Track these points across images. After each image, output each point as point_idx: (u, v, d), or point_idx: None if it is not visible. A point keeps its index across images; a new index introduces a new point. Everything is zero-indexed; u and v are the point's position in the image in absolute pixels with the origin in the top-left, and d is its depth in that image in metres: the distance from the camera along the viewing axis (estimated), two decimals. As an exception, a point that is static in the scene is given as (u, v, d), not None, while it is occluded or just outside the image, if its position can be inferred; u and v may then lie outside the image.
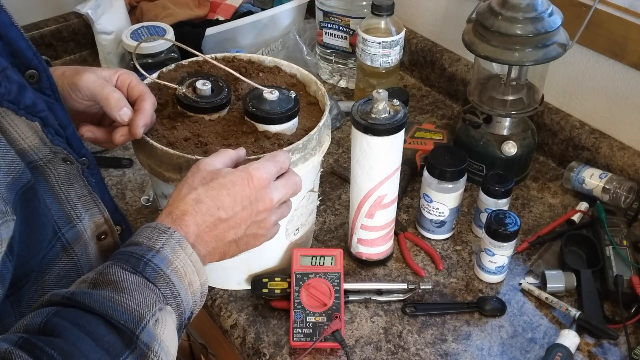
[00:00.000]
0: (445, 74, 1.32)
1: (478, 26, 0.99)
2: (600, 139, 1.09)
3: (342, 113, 1.26)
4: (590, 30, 1.01)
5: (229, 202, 0.63)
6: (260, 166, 0.67)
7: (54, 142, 0.59)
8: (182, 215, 0.61)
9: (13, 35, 0.58)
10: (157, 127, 0.83)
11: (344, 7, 1.30)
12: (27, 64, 0.59)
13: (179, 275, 0.58)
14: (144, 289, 0.55)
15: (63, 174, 0.61)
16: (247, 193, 0.64)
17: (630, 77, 1.04)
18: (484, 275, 0.94)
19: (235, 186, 0.64)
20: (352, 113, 0.82)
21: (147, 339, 0.53)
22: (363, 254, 0.95)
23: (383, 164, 0.84)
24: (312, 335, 0.83)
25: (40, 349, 0.48)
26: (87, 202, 0.65)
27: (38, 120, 0.56)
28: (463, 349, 0.85)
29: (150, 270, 0.56)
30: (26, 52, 0.59)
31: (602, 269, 0.92)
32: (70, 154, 0.61)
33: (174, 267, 0.58)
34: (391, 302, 0.91)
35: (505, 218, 0.90)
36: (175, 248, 0.59)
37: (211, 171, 0.65)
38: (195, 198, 0.62)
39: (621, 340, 0.85)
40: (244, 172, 0.65)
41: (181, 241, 0.59)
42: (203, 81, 0.84)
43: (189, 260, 0.59)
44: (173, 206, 0.63)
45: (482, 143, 1.07)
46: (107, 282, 0.55)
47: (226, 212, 0.63)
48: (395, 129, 0.80)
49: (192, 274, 0.60)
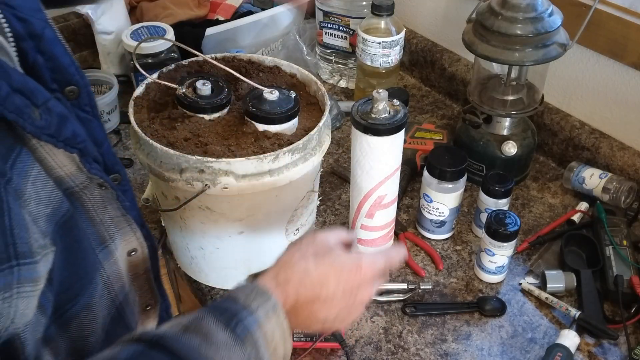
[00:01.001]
0: (445, 74, 1.32)
1: (478, 26, 0.99)
2: (600, 139, 1.09)
3: (342, 113, 1.26)
4: (590, 30, 1.01)
5: (334, 284, 0.63)
6: (372, 260, 0.67)
7: (91, 172, 0.59)
8: (285, 282, 0.62)
9: (57, 51, 0.57)
10: (157, 127, 0.83)
11: (344, 7, 1.30)
12: (68, 80, 0.58)
13: (267, 340, 0.58)
14: (232, 346, 0.55)
15: (98, 198, 0.61)
16: (352, 281, 0.64)
17: (630, 77, 1.04)
18: (484, 275, 0.94)
19: (343, 272, 0.64)
20: (352, 113, 0.82)
21: None
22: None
23: (383, 164, 0.84)
24: (312, 335, 0.83)
25: None
26: (119, 222, 0.66)
27: (77, 152, 0.56)
28: (463, 349, 0.85)
29: (240, 329, 0.56)
30: (69, 68, 0.58)
31: (602, 269, 0.93)
32: (107, 181, 0.61)
33: (264, 332, 0.58)
34: (391, 302, 0.91)
35: (505, 218, 0.90)
36: (269, 312, 0.59)
37: (325, 246, 0.66)
38: (304, 269, 0.63)
39: (621, 340, 0.85)
40: (356, 260, 0.65)
41: (276, 307, 0.60)
42: (203, 81, 0.84)
43: (279, 327, 0.60)
44: (281, 269, 0.63)
45: (482, 143, 1.07)
46: (199, 330, 0.55)
47: (327, 292, 0.63)
48: (395, 129, 0.80)
49: (280, 340, 0.60)
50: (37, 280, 0.49)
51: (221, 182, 0.76)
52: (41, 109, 0.51)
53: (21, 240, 0.47)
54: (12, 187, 0.48)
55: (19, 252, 0.47)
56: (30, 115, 0.49)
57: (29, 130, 0.49)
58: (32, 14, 0.55)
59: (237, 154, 0.78)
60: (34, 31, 0.55)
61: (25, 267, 0.48)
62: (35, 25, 0.55)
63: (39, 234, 0.51)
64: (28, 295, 0.48)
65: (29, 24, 0.54)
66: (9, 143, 0.49)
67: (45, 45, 0.56)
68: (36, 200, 0.52)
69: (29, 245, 0.48)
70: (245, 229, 0.85)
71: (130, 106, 0.84)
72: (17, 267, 0.47)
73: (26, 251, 0.48)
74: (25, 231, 0.48)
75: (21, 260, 0.47)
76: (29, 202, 0.50)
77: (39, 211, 0.52)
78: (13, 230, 0.47)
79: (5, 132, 0.48)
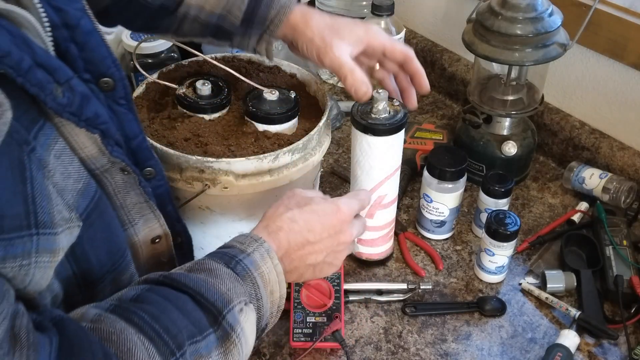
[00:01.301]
0: (445, 74, 1.32)
1: (478, 26, 0.99)
2: (600, 139, 1.09)
3: (342, 113, 1.26)
4: (590, 30, 1.01)
5: (319, 228, 0.68)
6: (348, 202, 0.72)
7: (113, 154, 0.59)
8: (277, 230, 0.66)
9: (93, 42, 0.58)
10: (157, 127, 0.83)
11: (344, 7, 1.30)
12: (102, 72, 0.59)
13: (264, 281, 0.62)
14: (234, 281, 0.59)
15: (120, 182, 0.62)
16: (334, 223, 0.69)
17: (630, 77, 1.04)
18: (484, 275, 0.94)
19: (326, 215, 0.69)
20: (352, 113, 0.82)
21: (232, 321, 0.57)
22: (363, 254, 0.95)
23: (383, 164, 0.84)
24: (312, 335, 0.83)
25: (131, 311, 0.53)
26: (142, 208, 0.67)
27: (98, 132, 0.56)
28: (463, 349, 0.85)
29: (240, 268, 0.61)
30: (104, 60, 0.59)
31: (602, 269, 0.92)
32: (129, 165, 0.61)
33: (260, 272, 0.62)
34: (391, 302, 0.91)
35: (505, 218, 0.90)
36: (264, 255, 0.63)
37: (305, 197, 0.71)
38: (291, 217, 0.67)
39: (621, 340, 0.85)
40: (334, 204, 0.70)
41: (269, 251, 0.64)
42: (203, 81, 0.84)
43: (274, 269, 0.63)
44: (270, 220, 0.68)
45: (482, 143, 1.07)
46: (202, 269, 0.60)
47: (314, 236, 0.68)
48: (395, 129, 0.80)
49: (275, 283, 0.63)
50: (55, 251, 0.50)
51: (221, 182, 0.76)
52: (64, 87, 0.52)
53: (42, 210, 0.48)
54: (35, 157, 0.49)
55: (40, 221, 0.48)
56: (52, 91, 0.50)
57: (50, 106, 0.50)
58: (68, 3, 0.56)
59: (237, 154, 0.78)
60: (69, 21, 0.56)
61: (45, 237, 0.48)
62: (71, 15, 0.56)
63: (63, 207, 0.52)
64: (45, 265, 0.49)
65: (65, 13, 0.55)
66: (32, 115, 0.50)
67: (79, 35, 0.57)
68: (63, 174, 0.53)
69: (51, 216, 0.49)
70: (245, 229, 0.85)
71: (130, 106, 0.84)
72: (36, 236, 0.47)
73: (47, 221, 0.49)
74: (48, 201, 0.49)
75: (41, 229, 0.48)
76: (53, 174, 0.52)
77: (67, 185, 0.53)
78: (35, 199, 0.47)
79: (29, 105, 0.50)
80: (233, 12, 0.80)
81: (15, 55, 0.46)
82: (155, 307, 0.54)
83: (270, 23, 0.80)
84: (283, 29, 0.80)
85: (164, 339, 0.52)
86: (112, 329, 0.50)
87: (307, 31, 0.78)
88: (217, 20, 0.81)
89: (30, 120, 0.50)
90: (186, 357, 0.53)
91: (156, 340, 0.51)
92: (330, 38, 0.78)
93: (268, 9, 0.79)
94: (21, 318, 0.46)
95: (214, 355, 0.55)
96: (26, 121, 0.49)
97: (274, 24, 0.80)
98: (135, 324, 0.52)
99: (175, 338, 0.52)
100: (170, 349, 0.52)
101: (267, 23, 0.80)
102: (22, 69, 0.47)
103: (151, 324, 0.52)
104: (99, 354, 0.48)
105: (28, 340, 0.45)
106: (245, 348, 0.59)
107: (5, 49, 0.45)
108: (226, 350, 0.56)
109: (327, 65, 0.78)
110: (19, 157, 0.47)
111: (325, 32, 0.78)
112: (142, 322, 0.52)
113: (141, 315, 0.52)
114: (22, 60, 0.47)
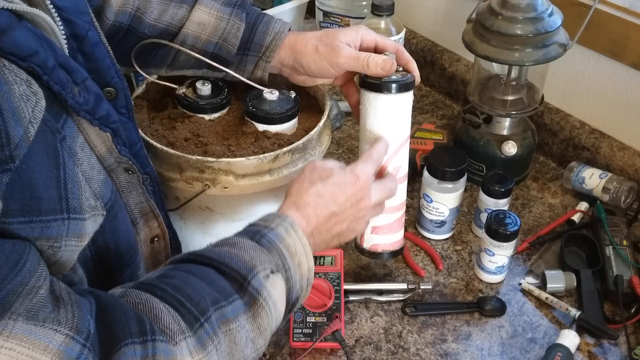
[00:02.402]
0: (445, 74, 1.32)
1: (478, 26, 0.99)
2: (600, 139, 1.09)
3: (342, 113, 1.26)
4: (590, 30, 1.01)
5: (342, 199, 0.69)
6: (363, 167, 0.73)
7: (121, 153, 0.62)
8: (305, 206, 0.67)
9: (99, 53, 0.62)
10: (157, 127, 0.83)
11: (344, 7, 1.30)
12: (107, 81, 0.63)
13: (290, 253, 0.63)
14: (259, 251, 0.60)
15: (124, 182, 0.65)
16: (355, 192, 0.71)
17: (630, 77, 1.04)
18: (484, 275, 0.94)
19: (347, 185, 0.70)
20: (363, 78, 0.79)
21: (257, 285, 0.57)
22: (379, 245, 0.86)
23: (397, 128, 0.80)
24: (312, 335, 0.83)
25: (154, 285, 0.54)
26: (143, 208, 0.69)
27: (110, 131, 0.59)
28: (463, 349, 0.85)
29: (265, 241, 0.62)
30: (108, 70, 0.63)
31: (602, 269, 0.92)
32: (134, 164, 0.64)
33: (286, 244, 0.63)
34: (391, 302, 0.91)
35: (505, 218, 0.90)
36: (288, 229, 0.64)
37: (326, 169, 0.71)
38: (316, 192, 0.68)
39: (621, 340, 0.85)
40: (352, 174, 0.71)
41: (293, 224, 0.65)
42: (203, 81, 0.84)
43: (299, 241, 0.64)
44: (297, 196, 0.69)
45: (482, 143, 1.07)
46: (226, 243, 0.61)
47: (339, 207, 0.69)
48: (408, 85, 0.78)
49: (302, 255, 0.64)
50: (83, 236, 0.53)
51: (221, 182, 0.76)
52: (80, 87, 0.55)
53: (73, 196, 0.51)
54: (66, 145, 0.53)
55: (70, 206, 0.51)
56: (72, 90, 0.54)
57: (70, 103, 0.53)
58: (78, 16, 0.60)
59: (237, 154, 0.79)
60: (78, 32, 0.59)
61: (74, 222, 0.51)
62: (80, 27, 0.59)
63: (90, 194, 0.54)
64: (72, 249, 0.52)
65: (74, 25, 0.59)
66: (57, 109, 0.53)
67: (87, 46, 0.60)
68: (89, 164, 0.56)
69: (80, 202, 0.52)
70: (245, 229, 0.85)
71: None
72: (67, 220, 0.50)
73: (77, 206, 0.52)
74: (78, 188, 0.52)
75: (72, 214, 0.51)
76: (82, 162, 0.55)
77: (93, 174, 0.56)
78: (67, 184, 0.50)
79: (53, 101, 0.52)
80: (229, 40, 0.82)
81: (42, 55, 0.49)
82: (178, 280, 0.55)
83: (266, 49, 0.82)
84: (280, 54, 0.82)
85: (186, 307, 0.53)
86: (138, 300, 0.52)
87: (308, 46, 0.81)
88: (214, 48, 0.82)
89: (55, 113, 0.53)
90: (212, 321, 0.54)
91: (179, 308, 0.53)
92: (332, 41, 0.79)
93: (264, 36, 0.82)
94: (58, 283, 0.49)
95: (242, 319, 0.56)
96: (53, 114, 0.52)
97: (270, 49, 0.82)
98: (159, 295, 0.53)
99: (198, 304, 0.54)
100: (194, 315, 0.53)
101: (262, 50, 0.82)
102: (47, 68, 0.50)
103: (173, 294, 0.54)
104: (131, 314, 0.50)
105: (70, 299, 0.48)
106: (275, 312, 0.59)
107: (34, 48, 0.49)
108: (255, 314, 0.57)
109: (342, 64, 0.79)
110: (53, 144, 0.50)
111: (324, 40, 0.80)
112: (164, 294, 0.54)
113: (163, 288, 0.54)
114: (47, 59, 0.50)
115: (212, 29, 0.82)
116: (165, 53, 0.83)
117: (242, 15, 0.83)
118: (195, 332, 0.52)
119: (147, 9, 0.80)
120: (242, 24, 0.82)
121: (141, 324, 0.50)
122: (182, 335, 0.51)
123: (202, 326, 0.53)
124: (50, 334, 0.45)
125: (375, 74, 0.78)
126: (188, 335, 0.52)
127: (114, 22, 0.79)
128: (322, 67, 0.80)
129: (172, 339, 0.51)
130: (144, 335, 0.49)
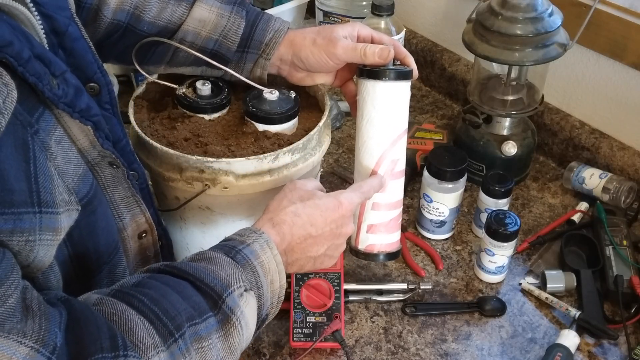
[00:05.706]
0: (445, 74, 1.32)
1: (478, 26, 0.99)
2: (600, 139, 1.09)
3: (342, 113, 1.26)
4: (590, 30, 1.01)
5: (321, 222, 0.69)
6: (349, 196, 0.73)
7: (104, 146, 0.61)
8: (281, 223, 0.68)
9: (80, 48, 0.61)
10: (157, 127, 0.83)
11: (344, 7, 1.30)
12: (89, 77, 0.62)
13: (264, 270, 0.63)
14: (234, 268, 0.60)
15: (109, 176, 0.65)
16: (335, 217, 0.71)
17: (630, 77, 1.04)
18: (484, 275, 0.94)
19: (328, 210, 0.70)
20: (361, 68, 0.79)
21: (231, 304, 0.58)
22: (375, 246, 0.83)
23: (396, 117, 0.79)
24: (312, 335, 0.83)
25: (131, 295, 0.54)
26: (129, 203, 0.69)
27: (91, 124, 0.59)
28: (463, 349, 0.85)
29: (240, 257, 0.62)
30: (91, 65, 0.62)
31: (602, 269, 0.92)
32: (118, 158, 0.64)
33: (260, 261, 0.63)
34: (391, 302, 0.91)
35: (505, 218, 0.90)
36: (263, 245, 0.64)
37: (307, 191, 0.72)
38: (294, 211, 0.69)
39: (621, 340, 0.85)
40: (336, 199, 0.71)
41: (269, 241, 0.65)
42: (203, 81, 0.84)
43: (273, 259, 0.64)
44: (274, 213, 0.69)
45: (482, 143, 1.07)
46: (203, 258, 0.61)
47: (316, 230, 0.69)
48: (406, 73, 0.78)
49: (275, 273, 0.64)
50: (57, 230, 0.52)
51: (221, 182, 0.76)
52: (59, 79, 0.55)
53: (45, 189, 0.51)
54: (39, 139, 0.52)
55: (42, 200, 0.50)
56: (49, 82, 0.53)
57: (47, 96, 0.53)
58: (57, 11, 0.59)
59: (237, 154, 0.78)
60: (58, 28, 0.59)
61: (47, 215, 0.51)
62: (60, 22, 0.59)
63: (64, 189, 0.54)
64: (48, 243, 0.51)
65: (54, 21, 0.58)
66: (33, 102, 0.53)
67: (67, 41, 0.60)
68: (64, 158, 0.55)
69: (53, 196, 0.51)
70: (245, 229, 0.85)
71: (130, 106, 0.84)
72: (39, 214, 0.50)
73: (49, 200, 0.51)
74: (50, 182, 0.51)
75: (44, 208, 0.50)
76: (55, 157, 0.54)
77: (68, 169, 0.56)
78: (37, 178, 0.50)
79: (28, 93, 0.52)
80: (230, 37, 0.82)
81: (17, 46, 0.49)
82: (155, 291, 0.55)
83: (266, 47, 0.82)
84: (280, 50, 0.82)
85: (162, 320, 0.53)
86: (113, 310, 0.52)
87: (306, 39, 0.81)
88: (214, 45, 0.82)
89: (31, 106, 0.52)
90: (185, 337, 0.54)
91: (155, 321, 0.53)
92: (330, 34, 0.80)
93: (264, 33, 0.82)
94: (31, 292, 0.48)
95: (214, 338, 0.56)
96: (28, 107, 0.51)
97: (270, 47, 0.82)
98: (135, 306, 0.53)
99: (174, 319, 0.53)
100: (169, 330, 0.53)
101: (262, 47, 0.82)
102: (22, 59, 0.49)
103: (150, 307, 0.53)
104: (104, 327, 0.50)
105: (40, 310, 0.47)
106: (246, 332, 0.59)
107: (8, 39, 0.48)
108: (227, 333, 0.57)
109: (339, 54, 0.79)
110: (23, 138, 0.49)
111: (322, 33, 0.81)
112: (142, 305, 0.53)
113: (140, 299, 0.54)
114: (22, 50, 0.49)
115: (212, 26, 0.82)
116: (164, 50, 0.83)
117: (242, 13, 0.83)
118: (169, 347, 0.52)
119: (146, 7, 0.80)
120: (243, 21, 0.82)
121: (113, 338, 0.49)
122: (155, 350, 0.51)
123: (176, 342, 0.53)
124: (14, 346, 0.44)
125: (373, 63, 0.78)
126: (161, 349, 0.52)
127: (112, 20, 0.79)
128: (321, 59, 0.80)
129: (144, 353, 0.50)
130: (115, 350, 0.49)
